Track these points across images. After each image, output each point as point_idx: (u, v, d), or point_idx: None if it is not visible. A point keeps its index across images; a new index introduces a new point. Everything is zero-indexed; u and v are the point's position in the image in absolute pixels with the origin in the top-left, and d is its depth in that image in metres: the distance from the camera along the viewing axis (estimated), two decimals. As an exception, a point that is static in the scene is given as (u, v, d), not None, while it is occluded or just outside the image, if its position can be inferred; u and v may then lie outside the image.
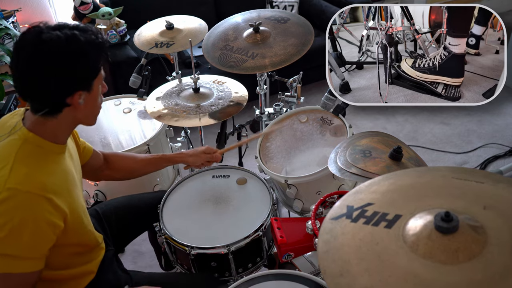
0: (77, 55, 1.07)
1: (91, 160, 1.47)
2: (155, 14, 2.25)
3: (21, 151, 1.08)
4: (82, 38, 1.07)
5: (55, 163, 1.15)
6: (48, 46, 1.04)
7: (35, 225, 1.05)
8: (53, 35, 1.04)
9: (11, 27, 2.85)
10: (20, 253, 1.05)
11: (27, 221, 1.03)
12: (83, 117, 1.18)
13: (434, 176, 0.93)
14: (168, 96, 1.85)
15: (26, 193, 1.03)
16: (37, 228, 1.05)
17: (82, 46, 1.07)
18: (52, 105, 1.10)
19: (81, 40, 1.07)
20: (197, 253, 1.46)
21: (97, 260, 1.37)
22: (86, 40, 1.08)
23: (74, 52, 1.06)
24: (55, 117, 1.11)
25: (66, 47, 1.05)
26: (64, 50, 1.05)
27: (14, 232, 1.02)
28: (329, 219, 0.87)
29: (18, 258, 1.05)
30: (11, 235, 1.02)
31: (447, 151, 2.86)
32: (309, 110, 1.93)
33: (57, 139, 1.15)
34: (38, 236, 1.06)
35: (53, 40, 1.04)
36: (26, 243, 1.04)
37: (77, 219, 1.19)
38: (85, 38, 1.08)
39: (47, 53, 1.04)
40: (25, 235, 1.03)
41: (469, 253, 0.72)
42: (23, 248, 1.05)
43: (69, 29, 1.08)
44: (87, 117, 1.20)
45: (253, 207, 1.58)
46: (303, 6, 3.57)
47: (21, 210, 1.03)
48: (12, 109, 2.69)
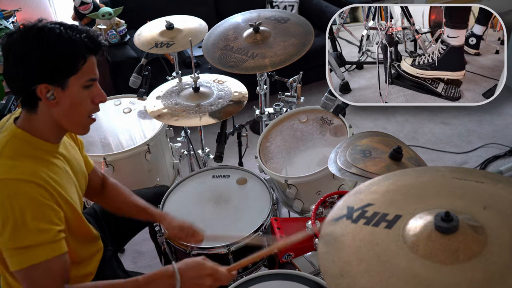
0: (42, 45, 1.04)
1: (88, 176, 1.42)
2: (155, 14, 2.25)
3: (8, 145, 1.09)
4: (60, 31, 1.06)
5: (45, 159, 1.13)
6: (20, 32, 1.05)
7: (34, 209, 1.04)
8: (33, 24, 1.06)
9: (11, 27, 2.84)
10: (31, 241, 1.03)
11: (26, 207, 1.02)
12: (61, 119, 1.13)
13: (434, 176, 0.93)
14: (168, 96, 1.85)
15: (15, 180, 1.03)
16: (38, 212, 1.04)
17: (50, 37, 1.05)
18: (23, 94, 1.09)
19: (54, 32, 1.05)
20: (197, 253, 1.46)
21: (96, 261, 1.37)
22: (59, 34, 1.05)
23: (39, 41, 1.04)
24: (35, 112, 1.11)
25: (35, 35, 1.05)
26: (31, 38, 1.04)
27: (18, 222, 1.02)
28: (330, 221, 0.87)
29: (32, 247, 1.03)
30: (17, 226, 1.02)
31: (447, 151, 2.86)
32: (309, 110, 1.93)
33: (46, 137, 1.14)
34: (42, 220, 1.05)
35: (29, 27, 1.06)
36: (34, 230, 1.03)
37: (70, 209, 1.16)
38: (66, 34, 1.06)
39: (21, 38, 1.05)
40: (29, 221, 1.02)
41: (469, 253, 0.72)
42: (32, 236, 1.03)
43: (55, 24, 1.07)
44: (68, 122, 1.15)
45: (253, 207, 1.58)
46: (303, 6, 3.57)
47: (15, 198, 1.02)
48: (12, 109, 2.69)
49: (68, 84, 1.09)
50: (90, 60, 1.11)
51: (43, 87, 1.06)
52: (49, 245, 1.06)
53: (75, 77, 1.09)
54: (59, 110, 1.11)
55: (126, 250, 2.30)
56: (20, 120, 1.13)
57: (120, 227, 1.60)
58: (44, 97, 1.08)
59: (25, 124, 1.12)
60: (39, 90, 1.06)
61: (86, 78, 1.11)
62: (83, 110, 1.15)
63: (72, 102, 1.11)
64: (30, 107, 1.11)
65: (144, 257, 2.30)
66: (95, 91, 1.15)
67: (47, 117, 1.12)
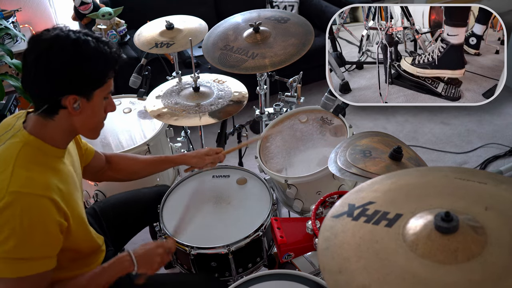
0: (80, 58, 1.06)
1: (93, 162, 1.47)
2: (155, 14, 2.26)
3: (22, 154, 1.08)
4: (94, 45, 1.08)
5: (55, 166, 1.14)
6: (56, 41, 1.05)
7: (44, 225, 1.05)
8: (65, 33, 1.06)
9: (11, 27, 2.85)
10: (33, 254, 1.05)
11: (36, 223, 1.03)
12: (79, 126, 1.16)
13: (436, 176, 0.93)
14: (168, 95, 1.85)
15: (30, 195, 1.03)
16: (46, 228, 1.05)
17: (88, 51, 1.07)
18: (48, 102, 1.09)
19: (90, 46, 1.07)
20: (197, 253, 1.46)
21: (97, 262, 1.37)
22: (96, 48, 1.08)
23: (77, 53, 1.06)
24: (53, 119, 1.11)
25: (71, 46, 1.05)
26: (68, 49, 1.05)
27: (25, 236, 1.02)
28: (330, 217, 0.87)
29: (32, 259, 1.05)
30: (23, 240, 1.02)
31: (447, 151, 2.86)
32: (309, 110, 1.93)
33: (57, 143, 1.15)
34: (48, 235, 1.07)
35: (61, 37, 1.05)
36: (38, 245, 1.05)
37: (79, 221, 1.19)
38: (97, 46, 1.08)
39: (52, 47, 1.05)
40: (36, 237, 1.04)
41: (468, 253, 0.72)
42: (35, 249, 1.05)
43: (85, 35, 1.08)
44: (85, 128, 1.18)
45: (253, 207, 1.58)
46: (303, 6, 3.57)
47: (28, 213, 1.02)
48: (12, 109, 2.69)
49: (94, 95, 1.12)
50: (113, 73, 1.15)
51: (71, 97, 1.08)
52: (45, 260, 1.08)
53: (100, 90, 1.13)
54: (80, 118, 1.14)
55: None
56: (32, 126, 1.12)
57: (120, 227, 1.60)
58: (71, 107, 1.09)
59: (37, 129, 1.12)
60: (68, 101, 1.08)
61: (108, 91, 1.16)
62: (100, 119, 1.20)
63: (92, 112, 1.15)
64: (50, 114, 1.11)
65: (144, 257, 2.29)
66: (110, 101, 1.20)
67: (64, 123, 1.13)
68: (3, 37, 2.84)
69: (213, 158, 1.62)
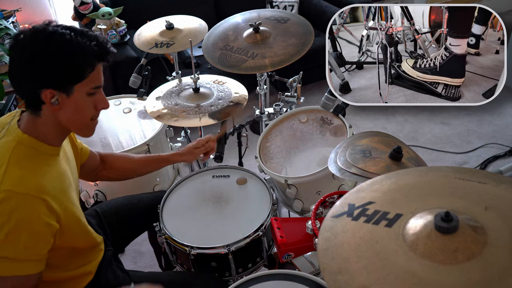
0: (52, 51, 1.03)
1: (88, 161, 1.47)
2: (155, 14, 2.25)
3: (15, 152, 1.08)
4: (70, 38, 1.04)
5: (49, 164, 1.14)
6: (32, 34, 1.04)
7: (31, 227, 1.04)
8: (43, 26, 1.04)
9: (11, 27, 2.85)
10: (17, 255, 1.04)
11: (24, 223, 1.02)
12: (67, 123, 1.14)
13: (436, 176, 0.93)
14: (168, 96, 1.85)
15: (22, 194, 1.03)
16: (34, 230, 1.04)
17: (62, 44, 1.04)
18: (26, 97, 1.08)
19: (65, 39, 1.04)
20: (197, 253, 1.46)
21: (96, 261, 1.37)
22: (71, 41, 1.04)
23: (50, 46, 1.03)
24: (39, 115, 1.10)
25: (45, 38, 1.03)
26: (41, 41, 1.03)
27: (11, 235, 1.01)
28: (330, 217, 0.87)
29: (15, 260, 1.04)
30: (8, 238, 1.01)
31: (447, 151, 2.86)
32: (309, 110, 1.93)
33: (50, 141, 1.14)
34: (35, 238, 1.05)
35: (38, 30, 1.04)
36: (23, 245, 1.03)
37: (73, 219, 1.18)
38: (74, 40, 1.05)
39: (26, 40, 1.03)
40: (22, 237, 1.03)
41: (468, 253, 0.72)
42: (20, 250, 1.04)
43: (65, 28, 1.06)
44: (72, 125, 1.16)
45: (253, 207, 1.58)
46: (303, 6, 3.58)
47: (17, 212, 1.02)
48: (12, 109, 2.70)
49: (73, 90, 1.09)
50: (97, 68, 1.11)
51: (48, 92, 1.06)
52: (29, 262, 1.06)
53: (80, 84, 1.09)
54: (63, 114, 1.11)
55: (126, 250, 2.31)
56: (25, 123, 1.12)
57: (122, 231, 1.60)
58: (48, 102, 1.07)
59: (30, 127, 1.12)
60: (44, 95, 1.06)
61: (91, 86, 1.11)
62: (86, 115, 1.16)
63: (75, 108, 1.12)
64: (35, 110, 1.10)
65: (144, 257, 2.30)
66: (99, 97, 1.16)
67: (51, 120, 1.12)
68: (3, 37, 2.84)
69: (204, 148, 1.63)
